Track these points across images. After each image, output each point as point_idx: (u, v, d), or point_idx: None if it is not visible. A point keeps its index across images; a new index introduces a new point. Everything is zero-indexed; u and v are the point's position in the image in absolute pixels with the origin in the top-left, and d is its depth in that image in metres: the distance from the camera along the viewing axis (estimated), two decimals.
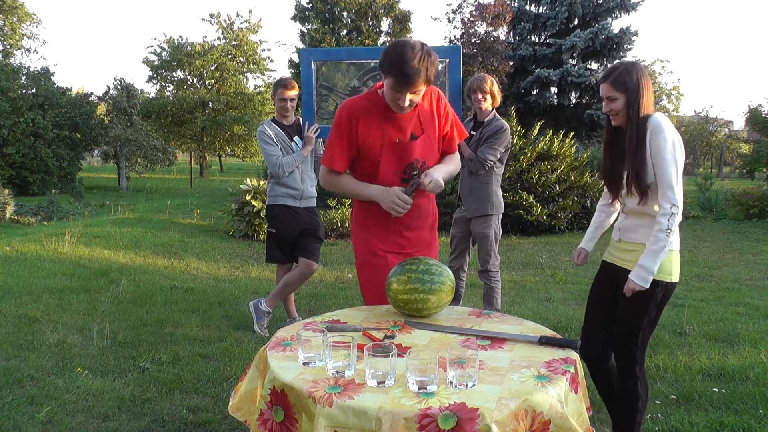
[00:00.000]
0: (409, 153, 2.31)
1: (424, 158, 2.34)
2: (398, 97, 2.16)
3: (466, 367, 1.40)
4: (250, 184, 8.47)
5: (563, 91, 18.49)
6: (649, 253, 2.20)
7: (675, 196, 2.17)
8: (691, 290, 5.57)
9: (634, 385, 2.37)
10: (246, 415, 1.69)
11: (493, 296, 4.13)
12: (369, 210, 2.39)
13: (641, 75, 2.24)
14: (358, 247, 2.45)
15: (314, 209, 4.30)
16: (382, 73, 2.20)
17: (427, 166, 2.34)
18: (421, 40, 2.17)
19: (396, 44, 2.12)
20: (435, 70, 2.11)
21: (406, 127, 2.30)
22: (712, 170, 28.29)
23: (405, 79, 2.07)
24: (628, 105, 2.23)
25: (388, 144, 2.28)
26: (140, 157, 19.59)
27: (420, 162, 2.33)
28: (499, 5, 15.72)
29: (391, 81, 2.13)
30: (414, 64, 2.04)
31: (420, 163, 2.33)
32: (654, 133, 2.19)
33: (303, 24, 20.85)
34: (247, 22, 25.89)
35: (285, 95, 4.09)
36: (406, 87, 2.10)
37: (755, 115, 15.73)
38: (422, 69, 2.06)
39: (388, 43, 19.98)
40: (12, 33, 26.14)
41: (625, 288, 2.25)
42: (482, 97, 4.03)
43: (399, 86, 2.11)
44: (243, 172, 29.46)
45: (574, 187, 9.31)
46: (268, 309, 4.22)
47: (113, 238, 8.08)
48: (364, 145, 2.28)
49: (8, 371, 3.40)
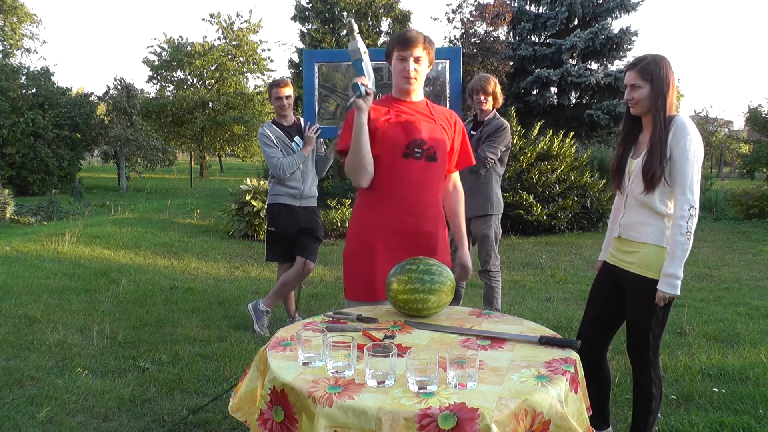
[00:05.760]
0: (416, 130, 2.35)
1: (432, 143, 2.36)
2: (403, 66, 2.31)
3: (466, 367, 1.40)
4: (250, 184, 8.47)
5: (563, 91, 18.50)
6: (672, 259, 2.21)
7: (694, 198, 2.19)
8: (691, 290, 5.57)
9: (649, 386, 2.38)
10: (246, 415, 1.69)
11: (493, 296, 4.13)
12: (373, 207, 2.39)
13: (669, 69, 2.27)
14: (350, 239, 2.46)
15: (314, 209, 4.31)
16: (388, 62, 2.38)
17: (433, 150, 2.36)
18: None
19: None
20: (433, 50, 2.35)
21: (416, 112, 2.38)
22: (712, 170, 28.27)
23: (407, 41, 2.28)
24: (653, 95, 2.24)
25: (396, 118, 2.35)
26: (140, 157, 19.57)
27: (427, 144, 2.35)
28: (499, 5, 15.72)
29: (395, 50, 2.32)
30: (414, 32, 2.32)
31: (426, 145, 2.35)
32: (679, 135, 2.20)
33: (303, 24, 20.84)
34: (247, 22, 25.90)
35: (280, 93, 4.12)
36: (408, 47, 2.28)
37: (755, 115, 15.75)
38: (421, 36, 2.31)
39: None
40: (12, 33, 26.13)
41: (656, 298, 2.25)
42: (484, 98, 4.02)
43: (402, 49, 2.29)
44: (243, 172, 29.46)
45: (574, 187, 9.31)
46: (267, 308, 4.22)
47: (113, 238, 8.08)
48: (375, 123, 2.34)
49: (8, 371, 3.40)
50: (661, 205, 2.26)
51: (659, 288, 2.24)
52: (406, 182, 2.34)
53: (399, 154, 2.33)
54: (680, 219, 2.19)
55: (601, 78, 17.83)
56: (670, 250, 2.22)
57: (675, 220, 2.21)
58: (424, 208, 2.37)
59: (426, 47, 2.32)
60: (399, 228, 2.36)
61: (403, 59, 2.30)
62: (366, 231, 2.40)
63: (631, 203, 2.37)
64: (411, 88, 2.36)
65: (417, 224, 2.37)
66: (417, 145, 2.33)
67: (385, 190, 2.36)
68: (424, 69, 2.36)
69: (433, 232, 2.41)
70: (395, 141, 2.32)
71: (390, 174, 2.35)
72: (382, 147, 2.33)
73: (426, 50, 2.32)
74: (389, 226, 2.36)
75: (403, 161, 2.33)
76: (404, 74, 2.32)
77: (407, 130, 2.34)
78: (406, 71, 2.31)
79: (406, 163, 2.33)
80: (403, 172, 2.33)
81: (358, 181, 2.37)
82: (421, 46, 2.30)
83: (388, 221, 2.36)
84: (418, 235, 2.37)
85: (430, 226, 2.39)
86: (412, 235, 2.37)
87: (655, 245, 2.28)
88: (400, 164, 2.33)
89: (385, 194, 2.36)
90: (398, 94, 2.41)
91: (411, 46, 2.28)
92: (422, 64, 2.34)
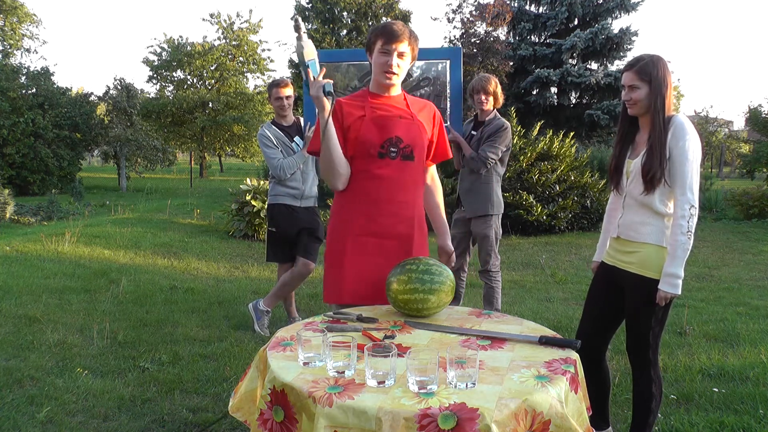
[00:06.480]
0: (392, 128, 2.26)
1: (408, 141, 2.28)
2: (386, 60, 2.21)
3: (466, 367, 1.40)
4: (250, 184, 8.47)
5: (563, 91, 18.52)
6: (673, 259, 2.21)
7: (694, 197, 2.19)
8: (691, 290, 5.57)
9: (649, 386, 2.38)
10: (246, 415, 1.69)
11: (493, 296, 4.13)
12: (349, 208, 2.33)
13: (666, 69, 2.26)
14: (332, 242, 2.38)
15: (314, 209, 4.31)
16: (368, 54, 2.28)
17: (410, 148, 2.28)
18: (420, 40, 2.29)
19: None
20: (417, 47, 2.26)
21: (392, 108, 2.30)
22: (712, 170, 28.28)
23: (392, 34, 2.18)
24: (651, 96, 2.24)
25: (371, 116, 2.26)
26: (140, 157, 19.58)
27: (403, 142, 2.27)
28: (499, 5, 15.74)
29: (379, 42, 2.21)
30: (399, 25, 2.21)
31: (403, 143, 2.27)
32: (678, 135, 2.20)
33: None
34: (248, 22, 25.92)
35: (280, 93, 4.12)
36: (392, 41, 2.18)
37: (755, 115, 15.75)
38: (407, 29, 2.21)
39: None
40: (12, 33, 26.14)
41: (657, 298, 2.25)
42: (485, 98, 4.01)
43: (386, 42, 2.19)
44: (243, 172, 29.46)
45: (574, 187, 9.31)
46: (267, 308, 4.22)
47: (113, 238, 8.08)
48: (349, 119, 2.26)
49: (8, 371, 3.40)
50: (660, 205, 2.27)
51: (660, 288, 2.24)
52: (381, 183, 2.25)
53: (374, 154, 2.24)
54: (681, 219, 2.19)
55: (601, 78, 17.84)
56: (670, 249, 2.22)
57: (675, 220, 2.21)
58: (398, 208, 2.28)
59: (411, 42, 2.22)
60: (371, 229, 2.28)
61: (386, 53, 2.20)
62: (337, 232, 2.33)
63: (630, 203, 2.37)
64: (391, 84, 2.26)
65: (390, 225, 2.28)
66: (392, 144, 2.25)
67: (358, 191, 2.28)
68: (407, 65, 2.26)
69: (407, 234, 2.32)
70: (369, 141, 2.23)
71: (364, 174, 2.27)
72: (356, 147, 2.24)
73: (411, 45, 2.22)
74: (361, 228, 2.28)
75: (377, 161, 2.24)
76: (385, 69, 2.21)
77: (382, 128, 2.25)
78: (388, 66, 2.20)
79: (381, 162, 2.25)
80: (378, 172, 2.25)
81: (333, 183, 2.29)
82: (407, 41, 2.20)
83: (360, 222, 2.28)
84: (391, 236, 2.29)
85: (403, 228, 2.30)
86: (384, 237, 2.28)
87: (655, 245, 2.29)
88: (375, 164, 2.25)
89: (357, 195, 2.28)
90: (376, 88, 2.31)
91: (396, 40, 2.17)
92: (405, 60, 2.24)
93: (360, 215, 2.28)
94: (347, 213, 2.31)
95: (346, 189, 2.31)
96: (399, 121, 2.27)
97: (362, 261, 2.26)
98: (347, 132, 2.26)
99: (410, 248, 2.32)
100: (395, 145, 2.26)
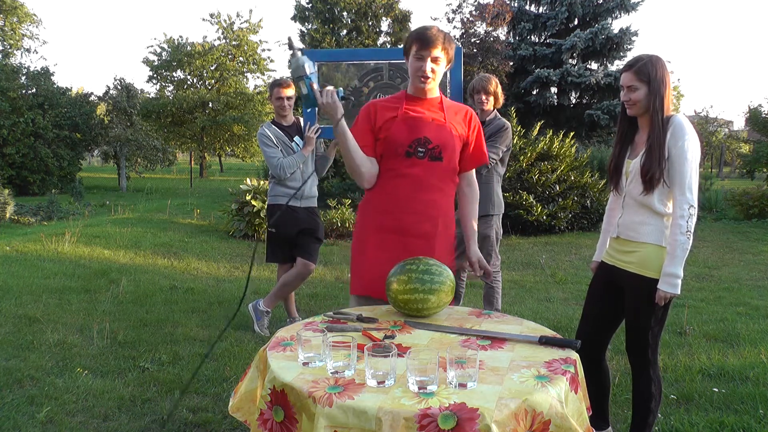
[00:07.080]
0: (421, 128, 2.32)
1: (438, 143, 2.32)
2: (420, 65, 2.25)
3: (466, 367, 1.40)
4: (250, 184, 8.47)
5: (563, 91, 18.52)
6: (673, 259, 2.21)
7: (693, 197, 2.19)
8: (691, 290, 5.57)
9: (648, 385, 2.38)
10: (246, 415, 1.69)
11: (493, 296, 4.13)
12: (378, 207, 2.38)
13: (664, 69, 2.27)
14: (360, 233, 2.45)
15: (314, 209, 4.30)
16: (405, 57, 2.32)
17: (439, 149, 2.32)
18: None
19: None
20: (453, 49, 2.29)
21: (426, 110, 2.35)
22: (712, 170, 28.28)
23: (426, 40, 2.22)
24: (650, 96, 2.24)
25: (402, 117, 2.32)
26: (140, 157, 19.57)
27: (432, 143, 2.31)
28: (499, 5, 15.75)
29: (413, 48, 2.25)
30: (434, 30, 2.25)
31: (432, 144, 2.31)
32: (677, 135, 2.20)
33: (303, 24, 20.83)
34: (248, 22, 25.91)
35: (281, 94, 4.12)
36: (426, 47, 2.22)
37: (755, 115, 15.76)
38: (441, 34, 2.24)
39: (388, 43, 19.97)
40: (12, 33, 26.14)
41: (657, 298, 2.25)
42: (485, 98, 4.02)
43: (420, 48, 2.23)
44: (243, 172, 29.46)
45: (574, 187, 9.31)
46: (267, 309, 4.22)
47: (113, 238, 8.08)
48: (381, 120, 2.32)
49: (8, 371, 3.40)
50: (660, 205, 2.27)
51: (660, 287, 2.24)
52: (407, 181, 2.32)
53: (401, 153, 2.30)
54: (680, 218, 2.20)
55: (601, 78, 17.85)
56: (670, 249, 2.22)
57: (675, 220, 2.21)
58: (423, 207, 2.33)
59: (445, 47, 2.25)
60: (394, 226, 2.33)
61: (421, 58, 2.25)
62: (362, 228, 2.42)
63: (629, 203, 2.37)
64: (426, 88, 2.31)
65: (414, 223, 2.33)
66: (420, 144, 2.31)
67: (385, 189, 2.35)
68: (442, 69, 2.31)
69: (432, 232, 2.35)
70: (398, 140, 2.30)
71: (391, 173, 2.34)
72: (385, 146, 2.32)
73: (445, 50, 2.26)
74: (385, 225, 2.34)
75: (404, 160, 2.31)
76: (420, 74, 2.27)
77: (412, 128, 2.31)
78: (422, 71, 2.26)
79: (408, 162, 2.31)
80: (404, 171, 2.31)
81: (359, 182, 2.38)
82: (441, 46, 2.24)
83: (383, 219, 2.35)
84: (414, 234, 2.33)
85: (428, 227, 2.34)
86: (407, 235, 2.33)
87: (655, 245, 2.29)
88: (402, 163, 2.31)
89: (383, 192, 2.36)
90: (412, 91, 2.37)
91: (430, 45, 2.22)
92: (440, 65, 2.28)
93: (384, 212, 2.35)
94: (373, 209, 2.39)
95: (373, 187, 2.38)
96: (430, 122, 2.33)
97: (384, 257, 2.28)
98: (378, 132, 2.33)
99: (433, 247, 2.36)
100: (423, 145, 2.31)
